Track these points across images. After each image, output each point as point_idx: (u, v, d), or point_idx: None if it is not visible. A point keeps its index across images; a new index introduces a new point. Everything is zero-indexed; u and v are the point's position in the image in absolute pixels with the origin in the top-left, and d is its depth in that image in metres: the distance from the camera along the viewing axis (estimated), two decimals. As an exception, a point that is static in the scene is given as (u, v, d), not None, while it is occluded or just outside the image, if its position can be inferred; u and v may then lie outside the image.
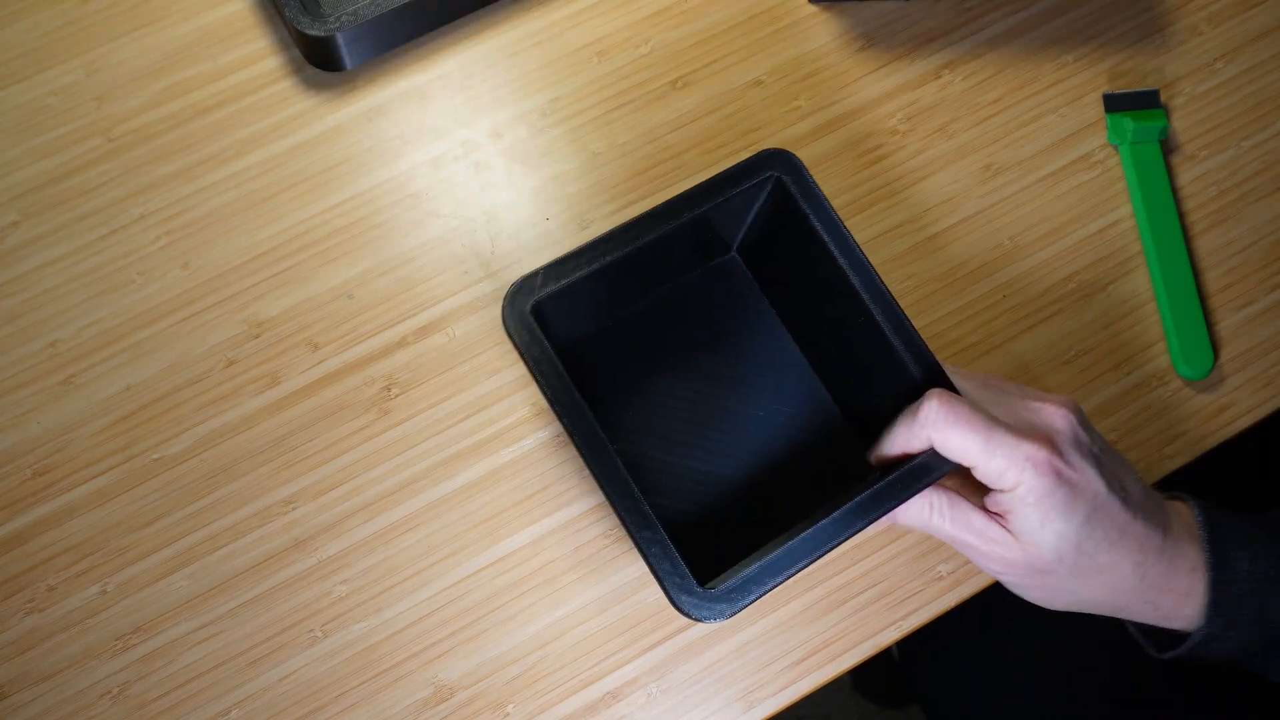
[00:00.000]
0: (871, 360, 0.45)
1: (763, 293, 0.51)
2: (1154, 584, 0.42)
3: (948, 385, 0.44)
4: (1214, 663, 0.44)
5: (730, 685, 0.49)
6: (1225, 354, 0.56)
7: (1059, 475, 0.39)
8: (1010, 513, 0.41)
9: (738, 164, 0.45)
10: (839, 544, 0.41)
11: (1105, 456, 0.42)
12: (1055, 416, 0.41)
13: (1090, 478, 0.40)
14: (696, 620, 0.40)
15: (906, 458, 0.42)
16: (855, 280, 0.44)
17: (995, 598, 0.55)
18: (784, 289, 0.50)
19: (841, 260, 0.44)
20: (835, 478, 0.49)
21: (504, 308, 0.42)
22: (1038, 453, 0.39)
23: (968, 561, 0.51)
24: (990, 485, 0.41)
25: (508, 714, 0.49)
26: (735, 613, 0.40)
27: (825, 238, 0.45)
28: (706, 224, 0.47)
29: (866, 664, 0.52)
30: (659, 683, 0.49)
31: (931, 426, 0.40)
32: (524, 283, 0.43)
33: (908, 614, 0.51)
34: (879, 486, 0.42)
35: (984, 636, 0.65)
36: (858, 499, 0.42)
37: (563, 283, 0.43)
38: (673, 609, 0.49)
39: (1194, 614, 0.42)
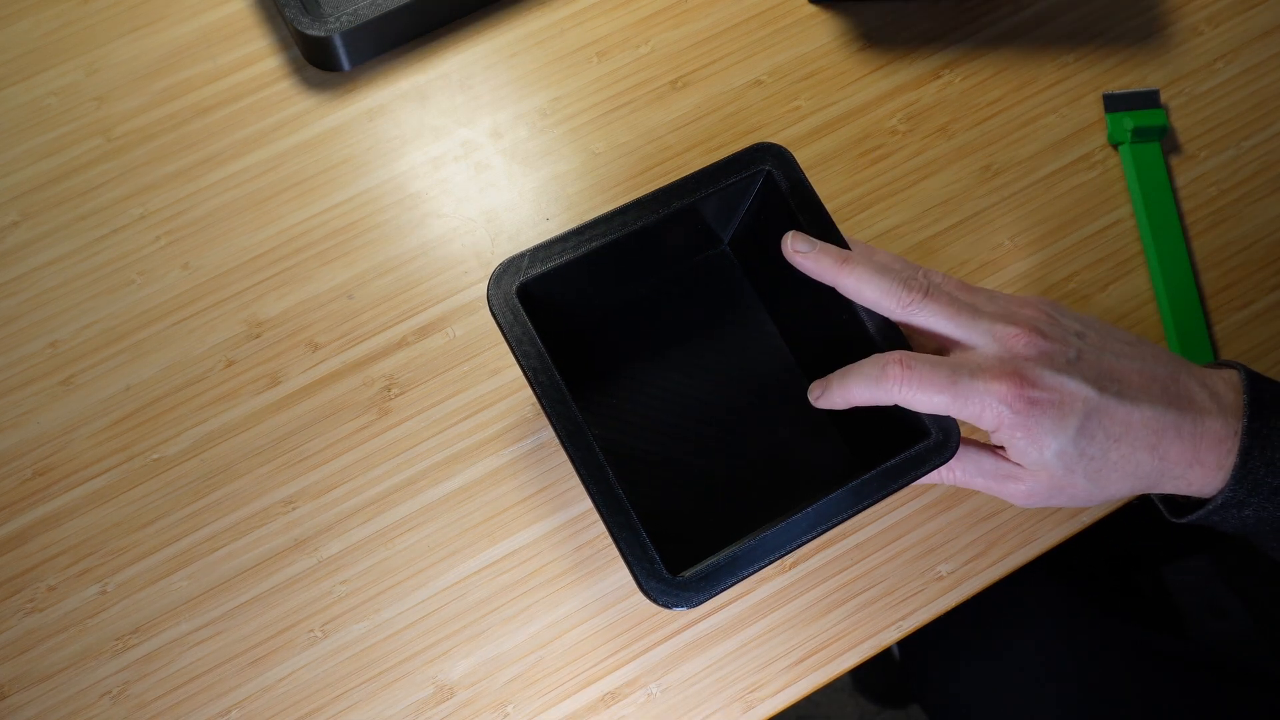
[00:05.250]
0: (854, 358, 0.46)
1: (752, 286, 0.51)
2: (1178, 460, 0.41)
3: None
4: (1227, 533, 0.43)
5: (730, 685, 0.49)
6: (1225, 354, 0.55)
7: (1034, 403, 0.39)
8: (1008, 447, 0.41)
9: (730, 156, 0.46)
10: (812, 538, 0.41)
11: (1089, 353, 0.41)
12: (1017, 342, 0.41)
13: (1071, 388, 0.40)
14: (663, 607, 0.40)
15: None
16: None
17: (996, 597, 0.55)
18: (772, 283, 0.50)
19: None
20: (816, 472, 0.49)
21: (489, 287, 0.43)
22: (1006, 389, 0.39)
23: (968, 561, 0.51)
24: (976, 425, 0.41)
25: (508, 714, 0.49)
26: (704, 601, 0.40)
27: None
28: (698, 215, 0.47)
29: (866, 664, 0.52)
30: (659, 683, 0.49)
31: (898, 391, 0.41)
32: (510, 263, 0.43)
33: (908, 614, 0.51)
34: (855, 484, 0.42)
35: (985, 636, 0.65)
36: (831, 495, 0.42)
37: (549, 265, 0.43)
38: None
39: (1225, 484, 0.41)
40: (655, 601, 0.40)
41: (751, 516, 0.46)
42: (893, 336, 0.44)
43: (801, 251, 0.43)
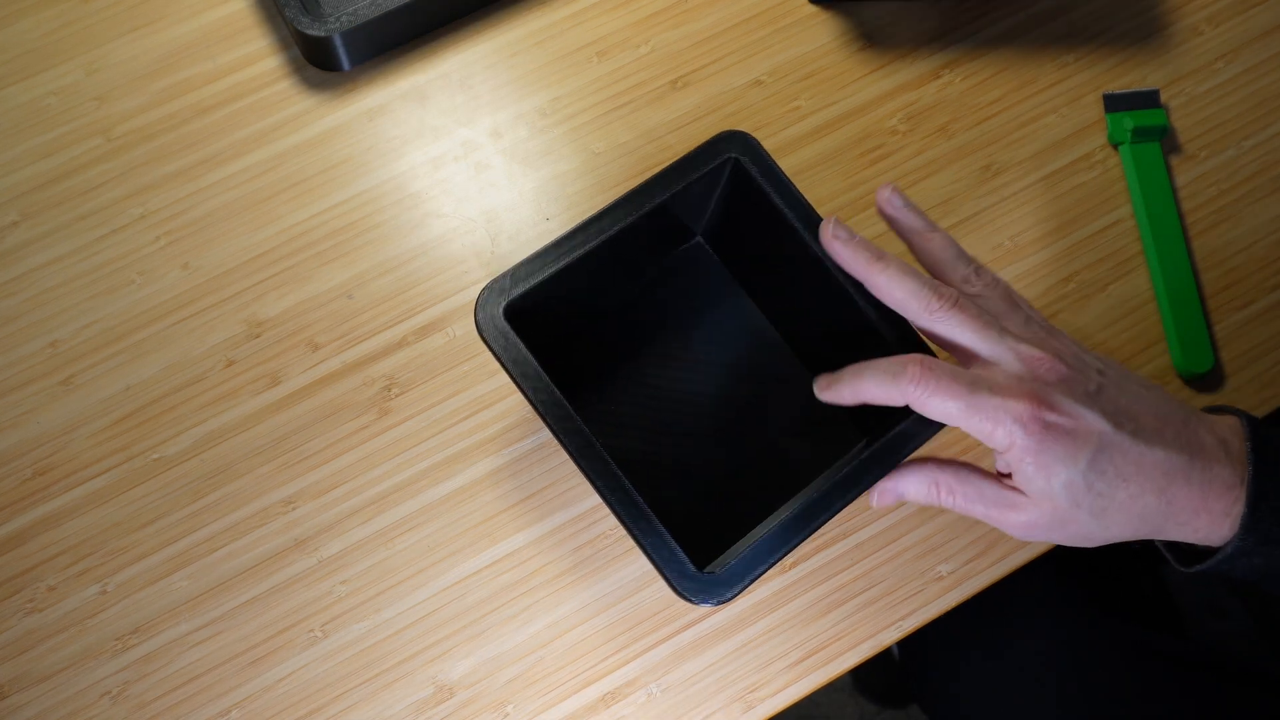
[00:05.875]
0: (845, 330, 0.46)
1: (731, 274, 0.51)
2: (1184, 507, 0.40)
3: (920, 345, 0.44)
4: (1239, 580, 0.42)
5: (730, 685, 0.49)
6: (1225, 354, 0.55)
7: (1049, 427, 0.38)
8: (1014, 472, 0.40)
9: (695, 149, 0.45)
10: (831, 516, 0.41)
11: (1109, 389, 0.41)
12: (1041, 365, 0.40)
13: (1088, 420, 0.39)
14: (699, 605, 0.40)
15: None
16: (820, 252, 0.44)
17: (996, 597, 0.55)
18: (753, 269, 0.50)
19: (805, 234, 0.45)
20: (819, 454, 0.49)
21: (476, 313, 0.43)
22: (1024, 409, 0.38)
23: (968, 561, 0.51)
24: (985, 443, 0.40)
25: (508, 714, 0.49)
26: (737, 594, 0.40)
27: (787, 214, 0.45)
28: (666, 211, 0.47)
29: (866, 664, 0.52)
30: (659, 683, 0.49)
31: (912, 391, 0.40)
32: (493, 286, 0.43)
33: (908, 614, 0.51)
34: (863, 459, 0.42)
35: (985, 636, 0.65)
36: (844, 472, 0.42)
37: (531, 282, 0.43)
38: (675, 604, 0.50)
39: (1233, 532, 0.41)
40: (691, 601, 0.40)
41: (754, 508, 0.46)
42: (890, 315, 0.44)
43: (841, 239, 0.43)
